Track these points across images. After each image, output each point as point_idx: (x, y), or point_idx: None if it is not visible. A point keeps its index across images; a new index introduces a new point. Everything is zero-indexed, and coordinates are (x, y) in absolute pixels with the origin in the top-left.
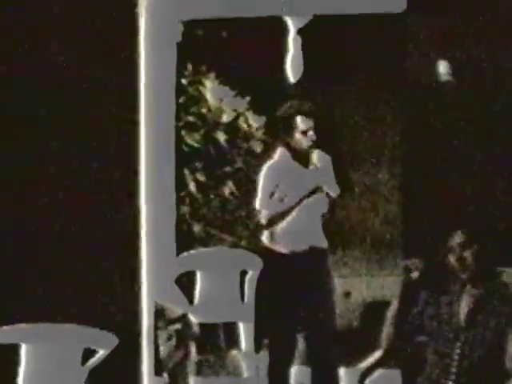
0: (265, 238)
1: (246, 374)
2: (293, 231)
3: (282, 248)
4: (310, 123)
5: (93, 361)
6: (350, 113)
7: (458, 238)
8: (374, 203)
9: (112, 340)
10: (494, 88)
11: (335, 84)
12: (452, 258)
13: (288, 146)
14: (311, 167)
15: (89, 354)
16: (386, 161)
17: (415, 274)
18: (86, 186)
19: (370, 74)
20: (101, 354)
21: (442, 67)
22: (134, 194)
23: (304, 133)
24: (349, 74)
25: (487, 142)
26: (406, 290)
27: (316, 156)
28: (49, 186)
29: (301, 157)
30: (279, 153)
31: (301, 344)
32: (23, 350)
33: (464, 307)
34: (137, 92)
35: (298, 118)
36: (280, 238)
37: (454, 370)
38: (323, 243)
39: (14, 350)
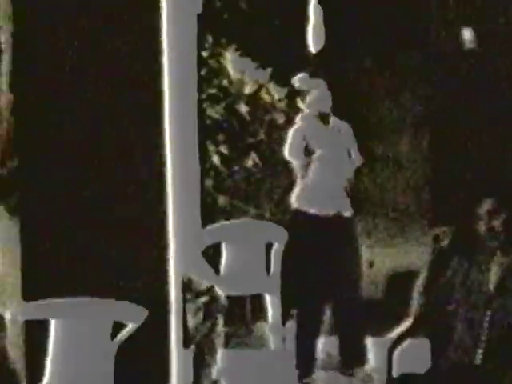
0: (293, 197)
1: (272, 346)
2: (320, 193)
3: (310, 208)
4: (324, 85)
5: (122, 334)
6: (374, 83)
7: (486, 206)
8: (399, 172)
9: (141, 313)
10: None
11: (358, 55)
12: (481, 227)
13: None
14: (332, 127)
15: (118, 327)
16: (410, 130)
17: (445, 242)
18: (113, 162)
19: (394, 44)
20: (130, 327)
21: (467, 35)
22: (159, 168)
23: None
24: (372, 45)
25: None
26: (436, 259)
27: (334, 120)
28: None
29: (322, 119)
30: (301, 116)
31: (327, 314)
32: (52, 325)
33: (493, 275)
34: (160, 64)
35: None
36: (308, 198)
37: (483, 337)
38: (349, 211)
39: (43, 325)
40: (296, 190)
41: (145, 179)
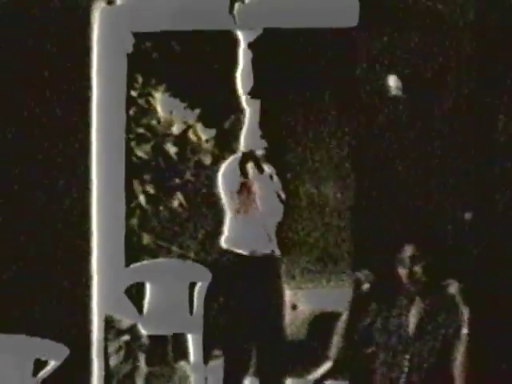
0: (222, 237)
1: None
2: (250, 234)
3: (238, 248)
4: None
5: (44, 372)
6: (299, 126)
7: (408, 252)
8: (322, 214)
9: (63, 351)
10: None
11: (284, 97)
12: (402, 271)
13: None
14: (265, 173)
15: (40, 364)
16: (334, 173)
17: (366, 286)
18: (37, 195)
19: (321, 88)
20: (52, 364)
21: (392, 82)
22: (84, 204)
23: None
24: (298, 87)
25: (438, 155)
26: (356, 301)
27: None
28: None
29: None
30: (231, 159)
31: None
32: None
33: (413, 319)
34: (89, 102)
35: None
36: (237, 238)
37: (403, 381)
38: (277, 251)
39: None
40: (227, 227)
41: (69, 215)
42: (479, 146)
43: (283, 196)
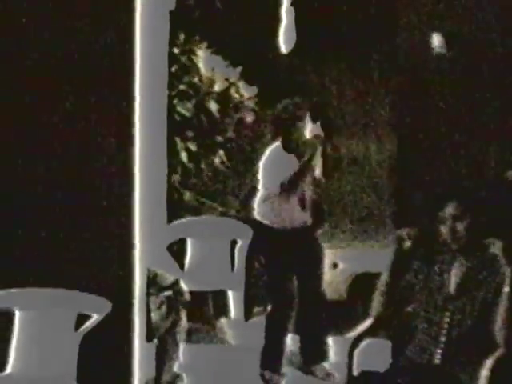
0: (256, 213)
1: (234, 342)
2: (278, 213)
3: (270, 223)
4: (318, 128)
5: (86, 325)
6: (342, 85)
7: (450, 210)
8: (364, 174)
9: (105, 305)
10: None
11: (327, 56)
12: (444, 229)
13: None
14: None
15: (83, 318)
16: (376, 133)
17: (407, 244)
18: (81, 154)
19: (362, 47)
20: (94, 318)
21: (436, 40)
22: (127, 161)
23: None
24: (341, 47)
25: (479, 114)
26: (398, 259)
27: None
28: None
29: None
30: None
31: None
32: (17, 315)
33: (454, 277)
34: (132, 59)
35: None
36: (268, 216)
37: (443, 338)
38: (309, 220)
39: (7, 315)
40: (257, 205)
41: (113, 173)
42: None
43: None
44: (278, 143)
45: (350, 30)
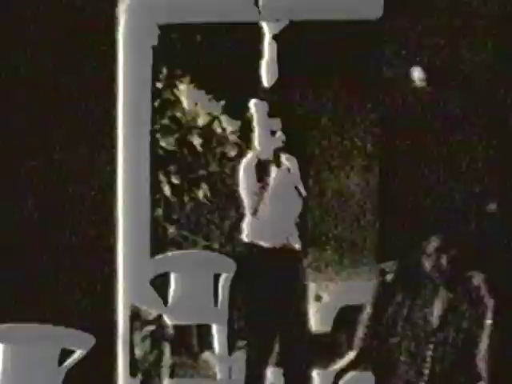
0: (244, 231)
1: (219, 376)
2: (271, 228)
3: (260, 241)
4: (278, 124)
5: (70, 361)
6: (325, 118)
7: (434, 243)
8: (348, 207)
9: (89, 340)
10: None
11: (309, 89)
12: (427, 262)
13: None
14: (283, 167)
15: (66, 354)
16: (360, 165)
17: (390, 277)
18: (64, 189)
19: (344, 80)
20: (78, 354)
21: (417, 73)
22: (110, 196)
23: (273, 133)
24: (323, 79)
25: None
26: (381, 292)
27: (284, 157)
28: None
29: (274, 159)
30: (253, 154)
31: (276, 346)
32: (1, 349)
33: (437, 310)
34: (115, 94)
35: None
36: (259, 233)
37: (426, 371)
38: (297, 243)
39: None
40: (246, 225)
41: (95, 207)
42: (503, 138)
43: (302, 189)
44: (248, 156)
45: (333, 62)
